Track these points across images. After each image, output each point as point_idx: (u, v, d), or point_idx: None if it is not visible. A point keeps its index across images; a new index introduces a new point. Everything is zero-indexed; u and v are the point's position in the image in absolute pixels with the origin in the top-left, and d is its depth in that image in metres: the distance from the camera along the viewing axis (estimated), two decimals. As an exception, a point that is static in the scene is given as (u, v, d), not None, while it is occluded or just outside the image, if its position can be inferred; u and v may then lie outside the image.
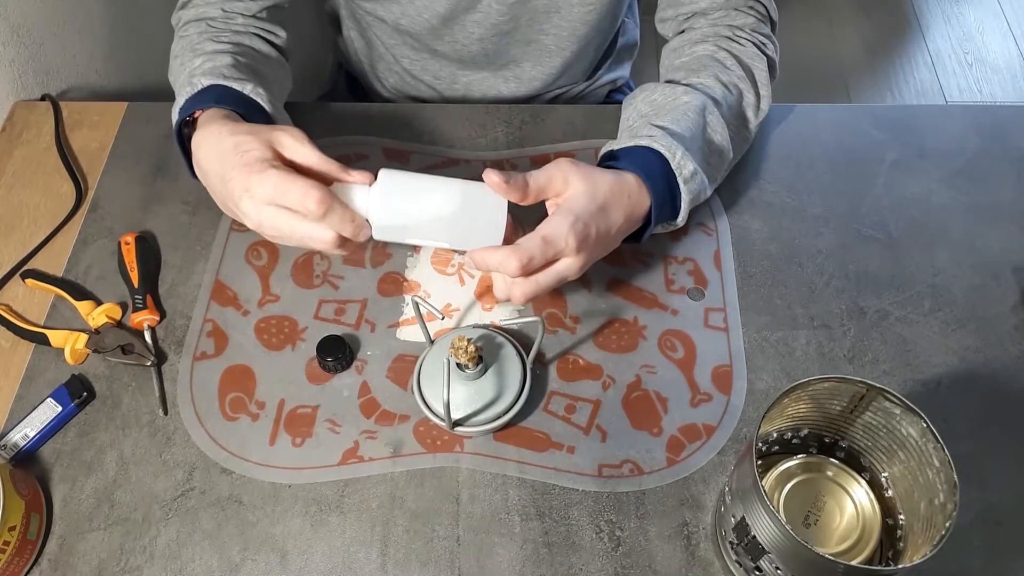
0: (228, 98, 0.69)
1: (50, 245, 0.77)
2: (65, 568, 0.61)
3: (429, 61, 0.93)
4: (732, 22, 0.77)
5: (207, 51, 0.73)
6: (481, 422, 0.64)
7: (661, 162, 0.67)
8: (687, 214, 0.69)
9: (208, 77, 0.69)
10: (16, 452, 0.65)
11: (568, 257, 0.62)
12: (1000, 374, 0.68)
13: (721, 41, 0.76)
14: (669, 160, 0.67)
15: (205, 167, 0.64)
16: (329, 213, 0.58)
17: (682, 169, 0.67)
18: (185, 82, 0.71)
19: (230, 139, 0.61)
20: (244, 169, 0.59)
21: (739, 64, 0.75)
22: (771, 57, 0.77)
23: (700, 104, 0.70)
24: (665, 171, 0.67)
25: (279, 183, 0.58)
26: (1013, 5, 2.24)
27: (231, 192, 0.61)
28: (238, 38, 0.77)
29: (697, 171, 0.68)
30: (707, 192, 0.71)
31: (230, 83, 0.70)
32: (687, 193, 0.67)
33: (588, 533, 0.62)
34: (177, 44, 0.77)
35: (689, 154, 0.67)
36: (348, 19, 0.97)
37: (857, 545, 0.57)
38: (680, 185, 0.67)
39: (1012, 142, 0.82)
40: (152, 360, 0.69)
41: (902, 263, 0.75)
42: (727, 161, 0.73)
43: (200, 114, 0.68)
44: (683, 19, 0.81)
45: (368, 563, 0.61)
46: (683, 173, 0.67)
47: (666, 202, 0.67)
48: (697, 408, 0.67)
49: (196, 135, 0.65)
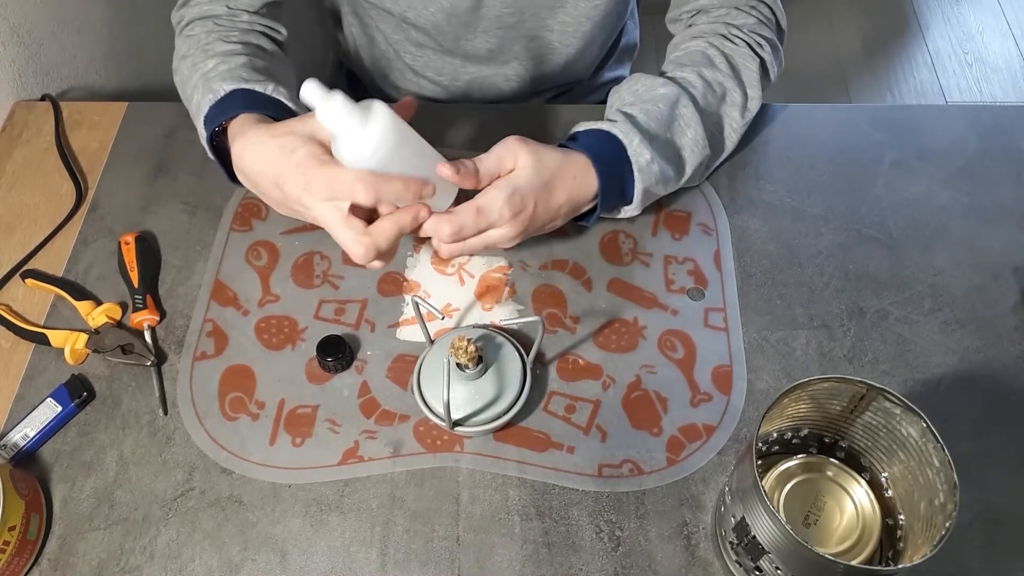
0: (254, 100, 0.69)
1: (50, 245, 0.78)
2: (65, 568, 0.61)
3: (432, 57, 0.93)
4: (731, 21, 0.78)
5: (219, 52, 0.73)
6: (481, 422, 0.64)
7: (617, 147, 0.68)
8: (642, 203, 0.71)
9: (228, 82, 0.70)
10: (16, 452, 0.65)
11: (501, 227, 0.64)
12: (1000, 374, 0.68)
13: (715, 39, 0.77)
14: (626, 146, 0.68)
15: (254, 176, 0.65)
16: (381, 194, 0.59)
17: (638, 157, 0.68)
18: (202, 86, 0.71)
19: (271, 142, 0.62)
20: (296, 169, 0.60)
21: (727, 63, 0.75)
22: (765, 58, 0.77)
23: (674, 97, 0.71)
24: (620, 156, 0.68)
25: (330, 179, 0.59)
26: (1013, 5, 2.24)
27: (289, 194, 0.62)
28: (246, 37, 0.77)
29: (654, 159, 0.69)
30: (670, 185, 0.72)
31: (252, 85, 0.70)
32: (640, 181, 0.69)
33: (588, 533, 0.62)
34: (184, 43, 0.77)
35: (647, 143, 0.68)
36: (350, 15, 0.97)
37: (857, 545, 0.57)
38: (635, 172, 0.68)
39: (1012, 142, 0.82)
40: (152, 360, 0.69)
41: (902, 263, 0.75)
42: (699, 156, 0.73)
43: (229, 124, 0.68)
44: (688, 16, 0.81)
45: (368, 563, 0.61)
46: (639, 161, 0.68)
47: (614, 186, 0.69)
48: (697, 408, 0.67)
49: (236, 146, 0.65)
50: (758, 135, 0.83)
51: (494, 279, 0.74)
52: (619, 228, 0.77)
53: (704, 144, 0.72)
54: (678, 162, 0.72)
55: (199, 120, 0.71)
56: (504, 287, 0.74)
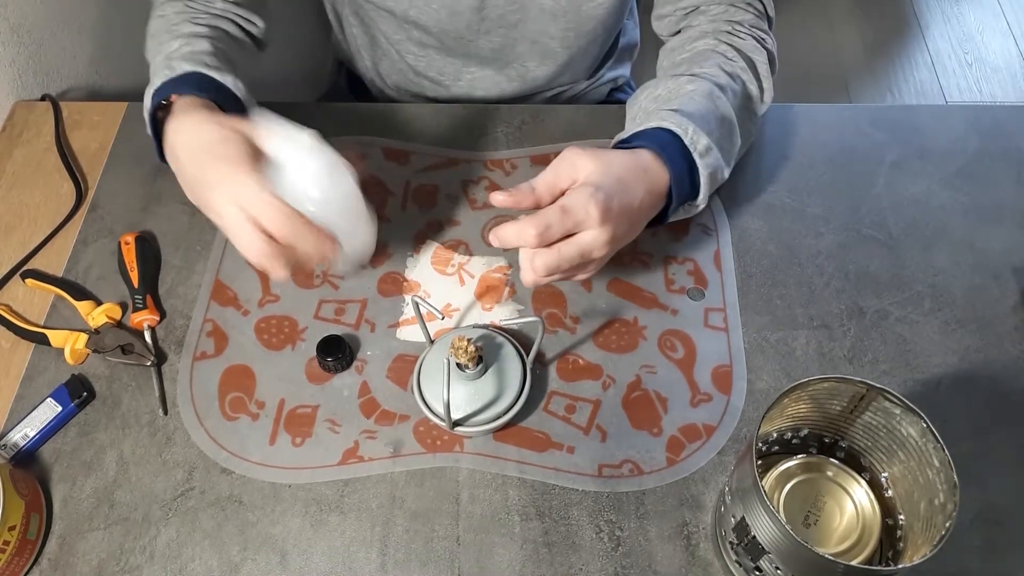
0: (206, 86, 0.69)
1: (50, 245, 0.78)
2: (65, 568, 0.61)
3: (435, 57, 0.93)
4: (731, 18, 0.78)
5: (184, 33, 0.73)
6: (481, 422, 0.64)
7: (674, 139, 0.66)
8: (707, 193, 0.68)
9: (188, 63, 0.69)
10: (16, 452, 0.65)
11: (592, 229, 0.60)
12: (1000, 374, 0.68)
13: (721, 36, 0.76)
14: (682, 136, 0.66)
15: (181, 154, 0.64)
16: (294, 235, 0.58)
17: (696, 144, 0.66)
18: (163, 64, 0.71)
19: (216, 131, 0.61)
20: (224, 164, 0.60)
21: (741, 56, 0.75)
22: (770, 51, 0.77)
23: (707, 89, 0.70)
24: (679, 148, 0.66)
25: (254, 192, 0.58)
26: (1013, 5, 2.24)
27: (207, 181, 0.61)
28: (215, 22, 0.77)
29: (711, 147, 0.67)
30: (724, 173, 0.70)
31: (210, 72, 0.70)
32: (704, 167, 0.66)
33: (588, 533, 0.62)
34: (154, 23, 0.77)
35: (701, 130, 0.66)
36: (351, 16, 0.97)
37: (857, 545, 0.57)
38: (696, 159, 0.66)
39: (1012, 142, 0.82)
40: (152, 360, 0.69)
41: (902, 263, 0.75)
42: (737, 145, 0.72)
43: (176, 99, 0.68)
44: (681, 15, 0.81)
45: (368, 563, 0.61)
46: (697, 148, 0.66)
47: (684, 177, 0.66)
48: (697, 408, 0.67)
49: (174, 121, 0.65)
50: (758, 135, 0.83)
51: (494, 279, 0.74)
52: (619, 228, 0.77)
53: (738, 131, 0.72)
54: (727, 152, 0.70)
55: (149, 93, 0.70)
56: (504, 287, 0.74)
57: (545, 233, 0.58)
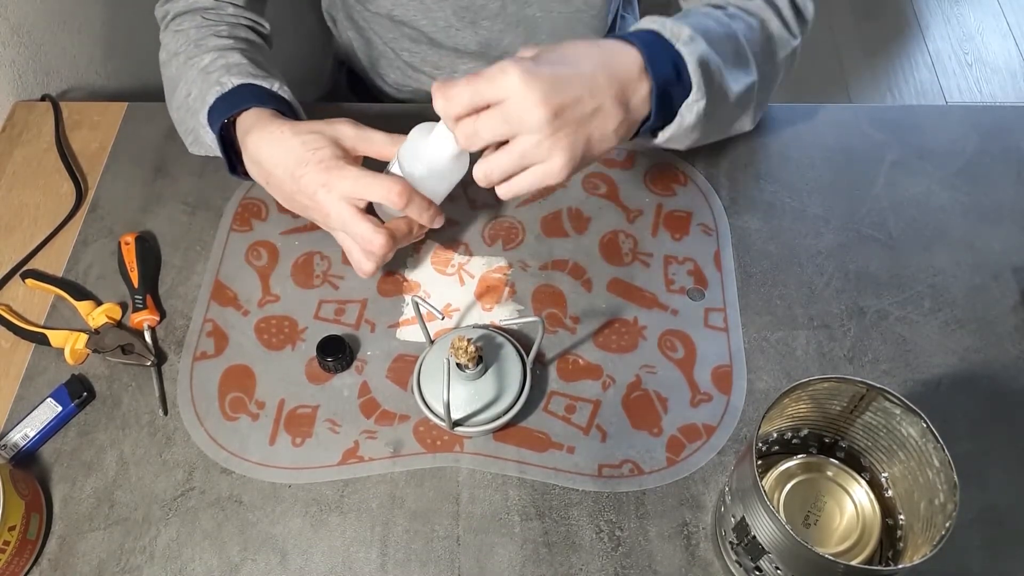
0: (263, 95, 0.70)
1: (50, 245, 0.78)
2: (65, 568, 0.61)
3: (428, 52, 0.93)
4: None
5: (213, 47, 0.74)
6: (481, 422, 0.64)
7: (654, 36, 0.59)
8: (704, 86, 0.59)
9: (236, 76, 0.70)
10: (16, 452, 0.65)
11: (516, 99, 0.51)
12: (1000, 374, 0.68)
13: None
14: (659, 31, 0.59)
15: (270, 166, 0.66)
16: (410, 204, 0.62)
17: (678, 35, 0.58)
18: (202, 82, 0.71)
19: (295, 138, 0.65)
20: (319, 166, 0.63)
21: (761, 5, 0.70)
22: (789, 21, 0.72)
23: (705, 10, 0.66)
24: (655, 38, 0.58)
25: (359, 178, 0.62)
26: (1013, 5, 2.24)
27: (304, 187, 0.64)
28: (234, 31, 0.78)
29: (694, 36, 0.58)
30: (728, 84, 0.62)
31: (259, 81, 0.71)
32: (689, 54, 0.58)
33: (588, 533, 0.62)
34: (174, 39, 0.77)
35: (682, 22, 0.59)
36: (345, 20, 0.98)
37: (857, 545, 0.57)
38: (680, 48, 0.58)
39: (1012, 142, 0.82)
40: (152, 360, 0.69)
41: (902, 263, 0.75)
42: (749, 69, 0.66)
43: (242, 114, 0.69)
44: None
45: (368, 563, 0.61)
46: (681, 38, 0.58)
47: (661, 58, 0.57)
48: (697, 408, 0.67)
49: (252, 136, 0.67)
50: (758, 135, 0.83)
51: (494, 279, 0.74)
52: (619, 228, 0.77)
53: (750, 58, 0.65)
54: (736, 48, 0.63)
55: (201, 113, 0.71)
56: (504, 287, 0.74)
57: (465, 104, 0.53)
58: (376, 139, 0.67)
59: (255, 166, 0.68)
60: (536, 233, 0.77)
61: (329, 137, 0.65)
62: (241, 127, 0.69)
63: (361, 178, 0.62)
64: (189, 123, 0.74)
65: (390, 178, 0.63)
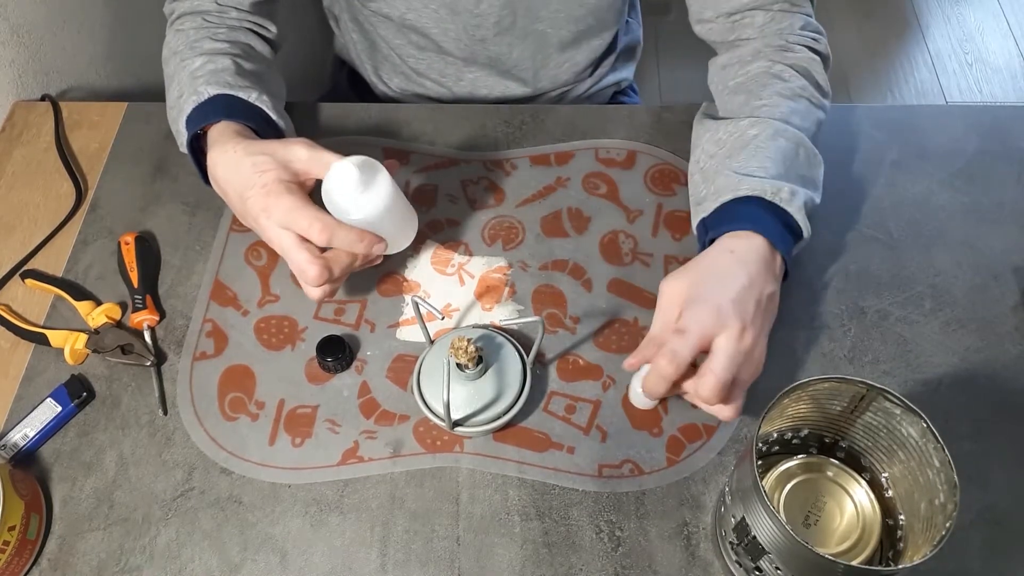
0: (236, 107, 0.71)
1: (50, 245, 0.78)
2: (65, 568, 0.61)
3: (435, 59, 0.93)
4: (780, 26, 0.75)
5: (206, 50, 0.74)
6: (481, 422, 0.64)
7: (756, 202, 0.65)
8: (808, 223, 0.66)
9: (213, 86, 0.71)
10: (16, 452, 0.65)
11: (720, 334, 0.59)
12: (1000, 374, 0.68)
13: (774, 55, 0.74)
14: (762, 195, 0.65)
15: (223, 185, 0.68)
16: (334, 238, 0.63)
17: (779, 196, 0.65)
18: (188, 86, 0.72)
19: (247, 160, 0.65)
20: (262, 190, 0.64)
21: (798, 73, 0.73)
22: (823, 52, 0.76)
23: (771, 131, 0.69)
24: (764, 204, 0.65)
25: (290, 209, 0.63)
26: (1013, 5, 2.24)
27: (249, 209, 0.65)
28: (234, 35, 0.78)
29: (796, 190, 0.66)
30: (816, 198, 0.69)
31: (236, 91, 0.71)
32: (797, 211, 0.65)
33: (588, 533, 0.62)
34: (175, 38, 0.77)
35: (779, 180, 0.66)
36: (350, 21, 0.97)
37: (857, 545, 0.57)
38: (787, 208, 0.65)
39: (1012, 142, 0.82)
40: (152, 360, 0.69)
41: (902, 263, 0.75)
42: (819, 162, 0.71)
43: (209, 128, 0.70)
44: (727, 24, 0.77)
45: (368, 563, 0.61)
46: (781, 197, 0.65)
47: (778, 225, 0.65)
48: (697, 408, 0.67)
49: (212, 153, 0.68)
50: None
51: (494, 279, 0.74)
52: (619, 228, 0.77)
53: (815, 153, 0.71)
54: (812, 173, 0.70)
55: (180, 120, 0.72)
56: (504, 287, 0.74)
57: (675, 359, 0.58)
58: (329, 161, 0.65)
59: (213, 182, 0.70)
60: (536, 233, 0.77)
61: (280, 160, 0.65)
62: (209, 141, 0.70)
63: (293, 209, 0.63)
64: (178, 124, 0.74)
65: (314, 213, 0.63)
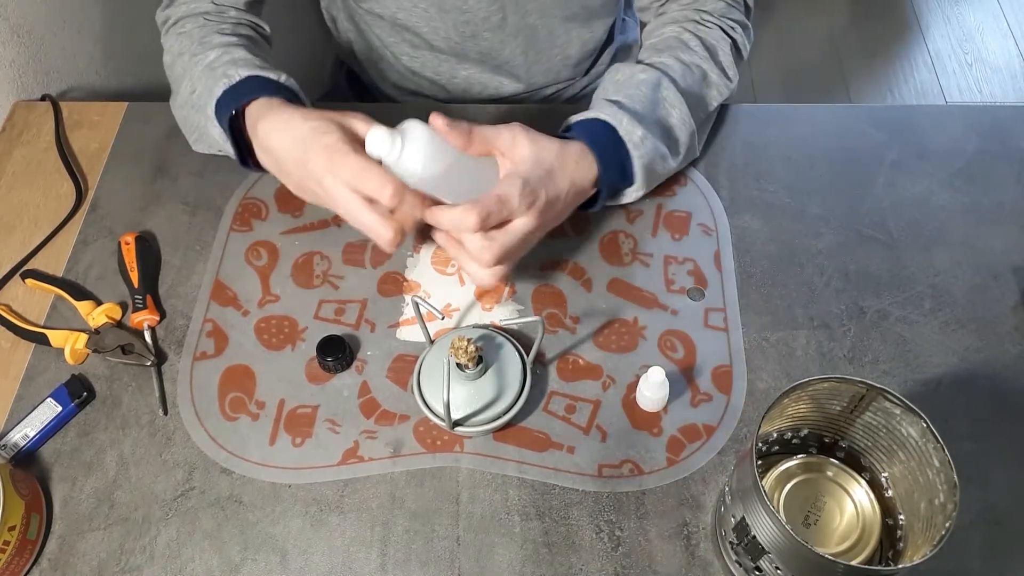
0: (269, 87, 0.70)
1: (50, 245, 0.78)
2: (65, 568, 0.61)
3: (429, 57, 0.93)
4: (701, 7, 0.81)
5: (218, 43, 0.74)
6: (481, 422, 0.64)
7: (609, 130, 0.70)
8: (645, 180, 0.73)
9: (244, 68, 0.70)
10: (16, 452, 0.65)
11: (521, 217, 0.64)
12: (1000, 374, 0.68)
13: (688, 24, 0.80)
14: (616, 127, 0.70)
15: (278, 151, 0.66)
16: (401, 203, 0.61)
17: (631, 135, 0.70)
18: (206, 76, 0.71)
19: (304, 124, 0.64)
20: (325, 151, 0.62)
21: (703, 45, 0.78)
22: (736, 40, 0.81)
23: (655, 80, 0.74)
24: (613, 138, 0.70)
25: (360, 170, 0.61)
26: (1013, 5, 2.24)
27: (312, 172, 0.63)
28: (237, 30, 0.78)
29: (646, 136, 0.71)
30: (668, 161, 0.74)
31: (266, 73, 0.71)
32: (638, 158, 0.71)
33: (588, 533, 0.62)
34: (177, 41, 0.77)
35: (636, 121, 0.70)
36: (346, 21, 0.98)
37: (857, 545, 0.57)
38: (630, 149, 0.70)
39: (1012, 142, 0.82)
40: (152, 360, 0.69)
41: (902, 263, 0.75)
42: (688, 132, 0.75)
43: (252, 104, 0.69)
44: (659, 5, 0.85)
45: (368, 563, 0.61)
46: (632, 139, 0.70)
47: (613, 166, 0.71)
48: (697, 408, 0.67)
49: (264, 123, 0.66)
50: (758, 135, 0.83)
51: (494, 279, 0.74)
52: (619, 228, 0.77)
53: (690, 122, 0.75)
54: (670, 139, 0.74)
55: (209, 106, 0.71)
56: (504, 287, 0.74)
57: (486, 220, 0.62)
58: None
59: (266, 154, 0.68)
60: (536, 233, 0.77)
61: (336, 123, 0.64)
62: (250, 117, 0.69)
63: (362, 170, 0.61)
64: (194, 119, 0.74)
65: (385, 175, 0.60)
